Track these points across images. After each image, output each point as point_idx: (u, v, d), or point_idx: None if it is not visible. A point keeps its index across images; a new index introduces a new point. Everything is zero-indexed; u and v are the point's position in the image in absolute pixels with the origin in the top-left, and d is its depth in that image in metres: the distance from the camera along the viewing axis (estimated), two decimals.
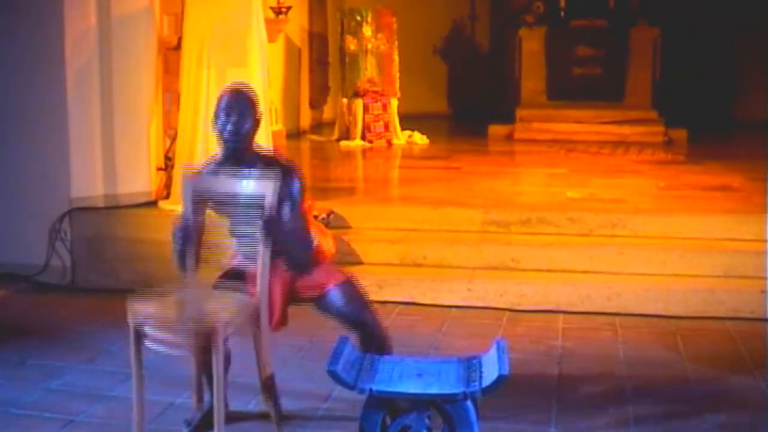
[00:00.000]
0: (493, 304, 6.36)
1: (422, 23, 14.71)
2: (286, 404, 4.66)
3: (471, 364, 3.96)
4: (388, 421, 3.79)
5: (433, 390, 3.72)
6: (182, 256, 4.19)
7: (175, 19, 7.38)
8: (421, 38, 14.72)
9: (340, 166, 10.74)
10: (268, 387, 4.30)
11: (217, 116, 4.19)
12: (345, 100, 11.98)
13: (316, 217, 6.80)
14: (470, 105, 14.96)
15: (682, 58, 13.39)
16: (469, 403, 3.71)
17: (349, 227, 7.19)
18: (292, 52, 12.76)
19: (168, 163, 7.33)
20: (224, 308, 3.96)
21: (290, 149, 11.29)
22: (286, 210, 4.25)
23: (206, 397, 4.38)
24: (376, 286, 6.52)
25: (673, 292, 6.18)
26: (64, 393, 4.82)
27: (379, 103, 11.80)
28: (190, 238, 4.20)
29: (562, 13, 13.04)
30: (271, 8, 10.65)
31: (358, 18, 12.03)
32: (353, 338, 4.22)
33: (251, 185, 4.12)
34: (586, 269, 6.50)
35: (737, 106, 13.81)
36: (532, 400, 4.73)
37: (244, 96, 4.24)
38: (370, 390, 3.70)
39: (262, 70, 7.11)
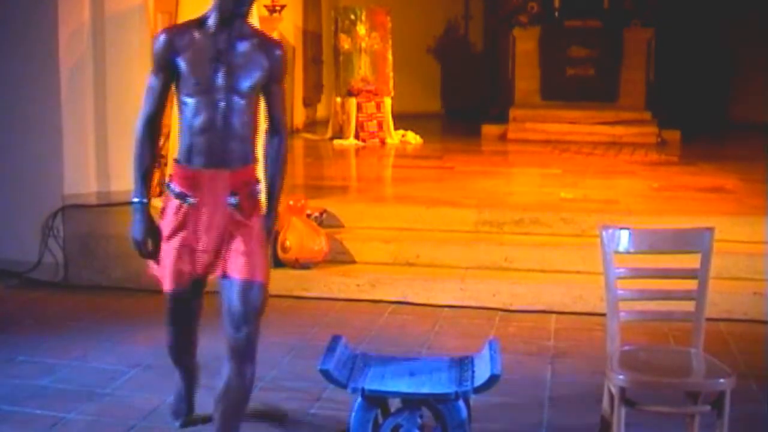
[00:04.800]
0: (485, 304, 6.37)
1: (416, 22, 14.72)
2: (279, 403, 4.66)
3: (463, 364, 3.97)
4: (380, 420, 3.79)
5: (425, 389, 3.73)
6: (144, 159, 4.04)
7: (168, 17, 7.36)
8: (415, 37, 14.73)
9: (333, 165, 10.74)
10: None
11: None
12: (338, 99, 11.97)
13: (309, 215, 6.83)
14: (464, 104, 14.96)
15: (676, 59, 13.41)
16: (461, 402, 3.71)
17: (342, 226, 7.19)
18: (285, 51, 12.74)
19: (161, 161, 7.30)
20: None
21: None
22: (276, 98, 3.93)
23: None
24: (368, 285, 6.54)
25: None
26: (55, 390, 4.81)
27: (372, 102, 11.80)
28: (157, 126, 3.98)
29: (556, 14, 13.05)
30: (265, 6, 10.64)
31: (352, 17, 12.03)
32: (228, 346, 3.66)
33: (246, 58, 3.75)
34: (579, 269, 6.51)
35: (731, 107, 13.84)
36: (524, 400, 4.74)
37: None
38: (362, 389, 3.70)
39: None
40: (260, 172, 3.97)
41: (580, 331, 5.92)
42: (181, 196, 3.78)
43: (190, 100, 3.70)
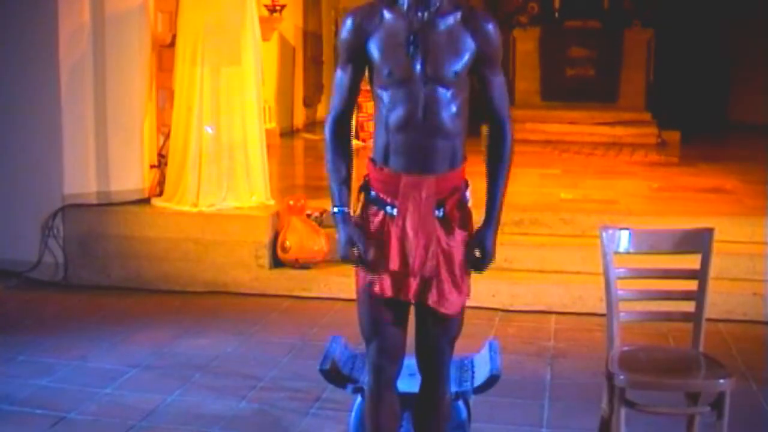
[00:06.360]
0: (485, 304, 6.35)
1: None
2: (278, 403, 4.67)
3: (463, 364, 3.96)
4: None
5: None
6: (338, 165, 3.42)
7: (169, 17, 7.36)
8: None
9: None
10: None
11: None
12: None
13: (309, 215, 6.82)
14: None
15: (676, 59, 13.41)
16: (460, 402, 3.71)
17: None
18: (286, 51, 12.74)
19: (161, 161, 7.31)
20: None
21: (284, 147, 11.31)
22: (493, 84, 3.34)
23: None
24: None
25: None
26: (55, 390, 4.81)
27: (372, 102, 11.77)
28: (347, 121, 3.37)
29: (556, 14, 13.05)
30: (266, 6, 10.63)
31: None
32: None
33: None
34: (579, 270, 6.50)
35: (731, 107, 13.84)
36: (524, 401, 4.74)
37: None
38: (362, 389, 3.69)
39: (256, 69, 7.11)
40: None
41: (579, 331, 5.92)
42: (378, 203, 3.28)
43: (384, 93, 3.22)
